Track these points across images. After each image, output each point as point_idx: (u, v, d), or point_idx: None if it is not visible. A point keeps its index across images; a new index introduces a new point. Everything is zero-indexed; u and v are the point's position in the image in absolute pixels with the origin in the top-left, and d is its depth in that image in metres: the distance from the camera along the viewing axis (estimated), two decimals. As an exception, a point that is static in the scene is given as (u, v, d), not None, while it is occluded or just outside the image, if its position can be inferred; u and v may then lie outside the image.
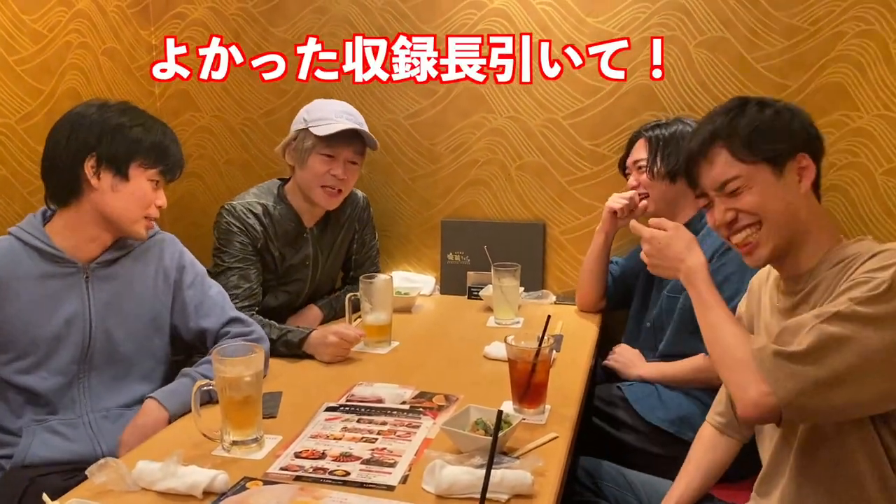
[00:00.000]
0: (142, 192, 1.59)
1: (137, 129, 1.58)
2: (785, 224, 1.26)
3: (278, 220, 2.13)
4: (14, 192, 2.20)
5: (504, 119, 2.48)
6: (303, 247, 2.19)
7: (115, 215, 1.58)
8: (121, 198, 1.57)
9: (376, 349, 1.98)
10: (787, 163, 1.26)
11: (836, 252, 1.25)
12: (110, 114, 1.57)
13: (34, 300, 1.54)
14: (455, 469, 1.24)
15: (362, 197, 2.36)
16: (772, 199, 1.26)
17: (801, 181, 1.27)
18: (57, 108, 2.30)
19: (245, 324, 1.76)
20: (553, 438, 1.44)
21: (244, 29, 2.66)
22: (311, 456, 1.38)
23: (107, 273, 1.62)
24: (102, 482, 1.24)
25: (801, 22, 2.17)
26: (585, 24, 2.35)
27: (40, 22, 2.24)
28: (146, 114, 1.64)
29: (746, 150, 1.26)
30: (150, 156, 1.59)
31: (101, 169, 1.55)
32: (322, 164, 2.08)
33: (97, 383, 1.61)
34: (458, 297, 2.53)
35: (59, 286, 1.57)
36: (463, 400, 1.63)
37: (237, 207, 2.08)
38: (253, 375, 1.38)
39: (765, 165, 1.26)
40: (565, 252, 2.50)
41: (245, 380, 1.37)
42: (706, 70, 2.27)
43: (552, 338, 1.56)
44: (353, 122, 2.10)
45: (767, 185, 1.26)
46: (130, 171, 1.57)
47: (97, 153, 1.54)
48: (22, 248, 1.56)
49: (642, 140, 2.11)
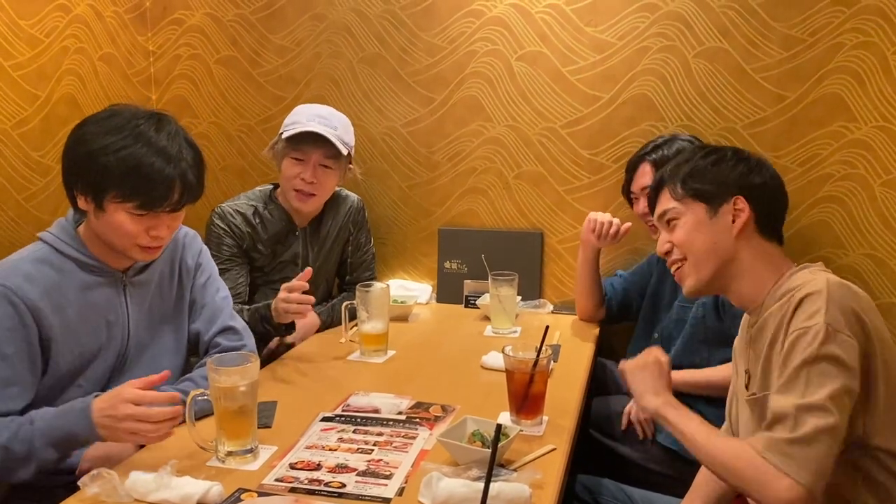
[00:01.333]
0: (118, 224, 1.41)
1: (108, 157, 1.36)
2: (707, 260, 1.34)
3: (269, 220, 2.19)
4: (9, 197, 2.18)
5: (502, 128, 2.48)
6: (293, 244, 2.22)
7: (107, 241, 1.47)
8: (101, 226, 1.44)
9: (372, 358, 1.97)
10: (722, 205, 1.34)
11: (782, 284, 1.30)
12: (99, 132, 1.39)
13: (79, 313, 1.46)
14: (452, 482, 1.22)
15: (357, 200, 2.37)
16: (697, 235, 1.35)
17: (733, 223, 1.33)
18: (53, 114, 2.29)
19: (240, 335, 1.73)
20: (551, 450, 1.43)
21: (242, 35, 2.65)
22: (306, 467, 1.36)
23: (140, 279, 1.58)
24: (95, 493, 1.22)
25: (800, 33, 2.17)
26: (584, 33, 2.35)
27: (37, 27, 2.23)
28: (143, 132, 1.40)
29: (682, 189, 1.37)
30: (121, 189, 1.38)
31: (83, 194, 1.42)
32: (291, 167, 2.13)
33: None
34: (454, 306, 2.51)
35: (99, 296, 1.50)
36: (460, 411, 1.62)
37: (224, 209, 2.17)
38: (248, 385, 1.37)
39: (698, 204, 1.36)
40: (563, 261, 2.50)
41: (240, 389, 1.36)
42: (705, 80, 2.27)
43: (550, 348, 1.55)
44: (323, 125, 2.10)
45: (697, 222, 1.35)
46: (105, 203, 1.40)
47: (77, 176, 1.41)
48: (60, 258, 1.45)
49: (646, 164, 2.07)
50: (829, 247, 2.23)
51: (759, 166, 1.38)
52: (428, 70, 2.51)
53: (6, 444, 1.32)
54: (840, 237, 2.22)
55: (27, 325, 1.38)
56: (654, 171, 2.02)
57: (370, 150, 2.61)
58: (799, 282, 1.25)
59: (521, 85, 2.43)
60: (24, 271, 1.41)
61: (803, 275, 1.28)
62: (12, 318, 1.37)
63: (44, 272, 1.43)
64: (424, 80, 2.52)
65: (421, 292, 2.55)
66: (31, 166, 2.23)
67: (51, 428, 1.33)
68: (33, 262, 1.44)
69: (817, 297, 1.17)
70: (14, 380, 1.38)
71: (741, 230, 1.32)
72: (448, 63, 2.48)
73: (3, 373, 1.37)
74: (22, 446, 1.32)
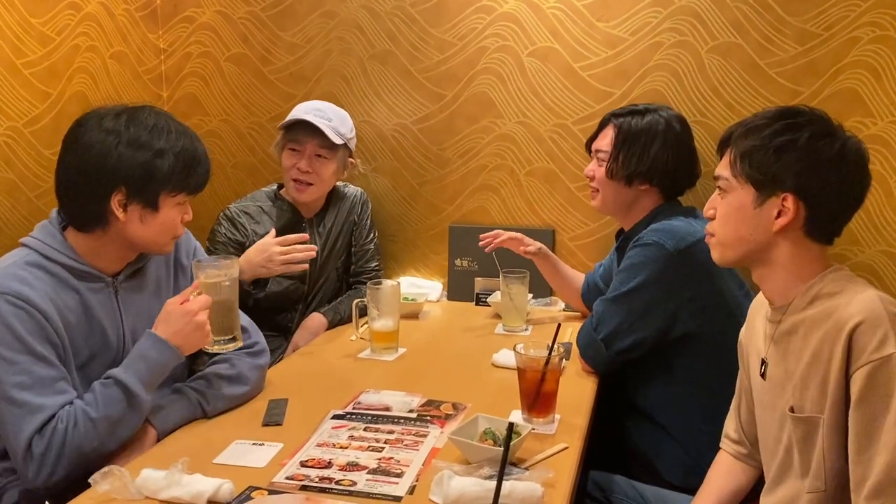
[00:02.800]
0: (171, 219, 1.51)
1: (163, 160, 1.45)
2: (734, 246, 1.30)
3: (275, 214, 2.27)
4: (20, 195, 2.19)
5: (513, 124, 2.46)
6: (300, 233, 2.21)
7: (142, 243, 1.51)
8: (149, 228, 1.48)
9: (383, 356, 1.96)
10: (770, 197, 1.25)
11: (813, 284, 1.24)
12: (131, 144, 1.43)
13: (76, 319, 1.45)
14: (464, 480, 1.21)
15: (360, 192, 2.45)
16: (735, 220, 1.29)
17: (776, 219, 1.25)
18: (64, 112, 2.29)
19: (248, 333, 1.71)
20: (563, 449, 1.42)
21: (252, 33, 2.65)
22: (317, 465, 1.36)
23: (133, 284, 1.57)
24: (106, 490, 1.22)
25: (815, 27, 2.15)
26: (596, 28, 2.33)
27: (48, 25, 2.24)
28: (165, 126, 1.48)
29: (739, 164, 1.28)
30: (177, 181, 1.48)
31: (130, 203, 1.44)
32: (289, 157, 2.23)
33: None
34: (465, 304, 2.50)
35: (93, 303, 1.49)
36: (471, 409, 1.61)
37: (231, 211, 2.25)
38: (230, 279, 1.53)
39: (748, 187, 1.27)
40: (574, 259, 2.48)
41: (225, 284, 1.52)
42: (718, 76, 2.25)
43: (562, 346, 1.54)
44: (317, 117, 2.19)
45: (740, 206, 1.28)
46: (160, 202, 1.47)
47: (126, 189, 1.43)
48: (51, 264, 1.44)
49: (611, 126, 1.99)
50: (845, 243, 2.20)
51: (833, 163, 1.23)
52: (438, 66, 2.50)
53: (100, 416, 1.36)
54: (855, 233, 2.19)
55: (43, 326, 1.38)
56: (615, 135, 1.94)
57: (380, 147, 2.60)
58: (832, 287, 1.21)
59: (533, 81, 2.42)
60: (20, 277, 1.39)
61: (838, 280, 1.22)
62: (28, 321, 1.36)
63: (39, 277, 1.41)
64: (435, 76, 2.51)
65: (431, 290, 2.55)
66: (43, 164, 2.24)
67: (137, 373, 1.41)
68: (25, 266, 1.41)
69: (878, 321, 1.12)
70: (57, 376, 1.38)
71: (783, 228, 1.24)
72: (459, 59, 2.47)
73: (45, 372, 1.36)
74: (114, 407, 1.38)
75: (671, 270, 1.74)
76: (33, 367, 1.35)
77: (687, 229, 1.76)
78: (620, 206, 1.99)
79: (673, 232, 1.77)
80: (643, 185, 1.92)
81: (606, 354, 1.79)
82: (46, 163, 2.25)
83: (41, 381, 1.35)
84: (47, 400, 1.34)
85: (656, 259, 1.74)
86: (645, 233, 1.81)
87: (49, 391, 1.35)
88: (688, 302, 1.75)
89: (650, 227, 1.83)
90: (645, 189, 1.93)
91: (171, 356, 1.45)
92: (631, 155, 1.91)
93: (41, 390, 1.34)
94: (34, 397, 1.34)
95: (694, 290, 1.74)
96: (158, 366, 1.45)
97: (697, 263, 1.68)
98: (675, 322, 1.76)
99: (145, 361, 1.43)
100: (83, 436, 1.34)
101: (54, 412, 1.34)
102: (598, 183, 1.99)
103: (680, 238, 1.75)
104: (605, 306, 1.82)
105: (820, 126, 1.26)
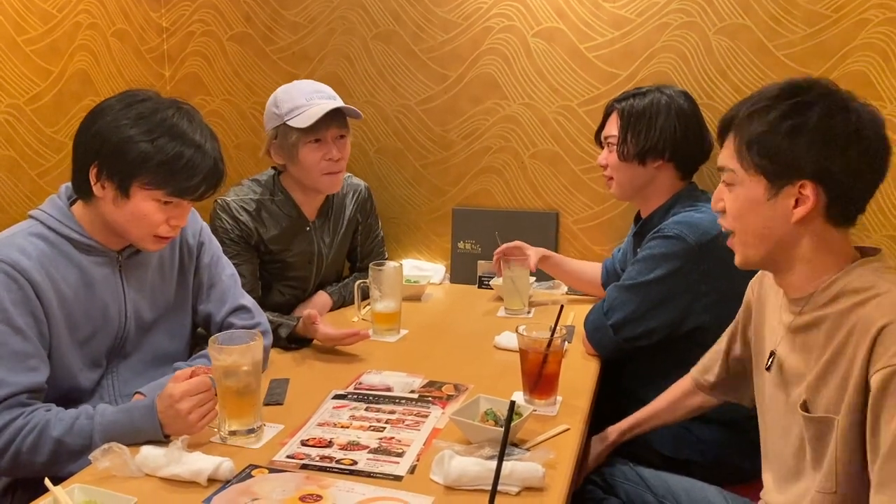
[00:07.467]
0: (142, 213, 1.42)
1: (146, 145, 1.38)
2: (756, 244, 1.20)
3: (277, 214, 2.08)
4: (22, 173, 2.18)
5: (518, 105, 2.44)
6: (305, 243, 2.14)
7: (118, 227, 1.46)
8: (121, 212, 1.43)
9: (385, 337, 1.96)
10: (785, 186, 1.15)
11: (838, 279, 1.16)
12: (128, 118, 1.40)
13: (75, 293, 1.44)
14: (464, 460, 1.21)
15: (364, 187, 2.30)
16: (749, 214, 1.19)
17: (794, 209, 1.15)
18: (66, 90, 2.28)
19: (252, 314, 1.71)
20: (565, 430, 1.42)
21: (255, 11, 2.62)
22: (317, 444, 1.36)
23: (137, 260, 1.56)
24: (106, 467, 1.22)
25: (824, 9, 2.12)
26: (602, 9, 2.30)
27: (50, 2, 2.22)
28: (169, 123, 1.42)
29: (746, 152, 1.17)
30: (156, 175, 1.39)
31: (103, 179, 1.40)
32: (313, 152, 1.99)
33: (125, 370, 1.56)
34: (468, 287, 2.49)
35: (95, 276, 1.47)
36: (473, 390, 1.60)
37: (229, 203, 2.04)
38: (251, 364, 1.35)
39: (758, 177, 1.17)
40: (578, 242, 2.47)
41: (243, 369, 1.34)
42: (726, 58, 2.22)
43: (564, 328, 1.53)
44: (328, 99, 2.01)
45: (752, 199, 1.18)
46: (131, 190, 1.40)
47: (99, 162, 1.40)
48: (55, 236, 1.43)
49: (615, 112, 1.98)
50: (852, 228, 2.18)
51: (850, 139, 1.12)
52: (443, 47, 2.47)
53: (59, 438, 1.32)
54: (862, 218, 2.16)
55: (30, 297, 1.37)
56: (619, 121, 1.94)
57: (384, 128, 2.58)
58: (859, 283, 1.13)
59: (538, 62, 2.39)
60: (19, 245, 1.39)
61: (865, 275, 1.15)
62: (16, 291, 1.36)
63: (39, 247, 1.41)
64: (439, 56, 2.48)
65: (434, 272, 2.53)
66: (45, 142, 2.23)
67: (114, 423, 1.35)
68: (27, 236, 1.42)
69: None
70: (31, 352, 1.37)
71: (802, 217, 1.15)
72: (463, 39, 2.45)
73: (20, 346, 1.36)
74: (77, 440, 1.33)
75: (691, 265, 1.73)
76: (8, 339, 1.34)
77: (710, 222, 1.72)
78: (638, 189, 1.97)
79: (696, 225, 1.76)
80: (656, 161, 1.91)
81: (614, 339, 1.78)
82: (48, 140, 2.23)
83: (13, 354, 1.34)
84: (13, 377, 1.33)
85: (677, 253, 1.74)
86: (667, 224, 1.80)
87: (19, 367, 1.35)
88: (703, 295, 1.75)
89: (673, 219, 1.82)
90: (659, 166, 1.91)
91: (150, 428, 1.34)
92: (638, 132, 1.91)
93: (10, 364, 1.34)
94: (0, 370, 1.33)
95: (711, 284, 1.74)
96: (133, 431, 1.34)
97: (717, 258, 1.65)
98: (688, 315, 1.76)
99: (130, 418, 1.36)
100: (31, 445, 1.31)
101: (16, 391, 1.33)
102: (612, 169, 1.98)
103: (703, 232, 1.73)
104: (619, 293, 1.81)
105: (830, 100, 1.14)
